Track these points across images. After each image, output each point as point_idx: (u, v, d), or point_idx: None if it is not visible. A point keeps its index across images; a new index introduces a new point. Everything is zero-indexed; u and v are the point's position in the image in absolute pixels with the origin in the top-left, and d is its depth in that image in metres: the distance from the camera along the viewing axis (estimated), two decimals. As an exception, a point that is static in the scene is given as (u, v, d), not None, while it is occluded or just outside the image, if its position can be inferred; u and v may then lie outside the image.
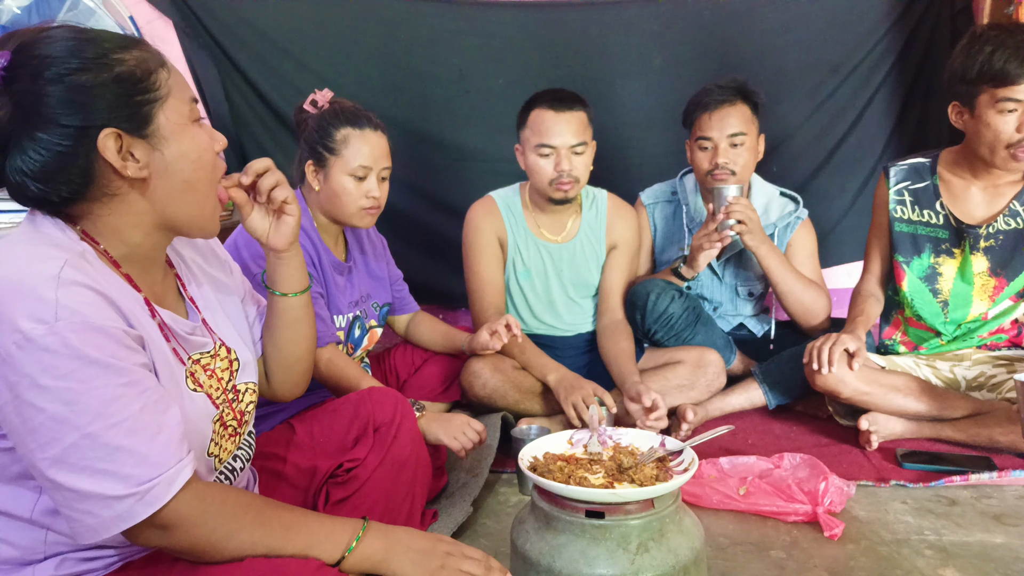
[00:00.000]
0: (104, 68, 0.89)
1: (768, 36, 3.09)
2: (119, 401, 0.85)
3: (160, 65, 0.95)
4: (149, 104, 0.93)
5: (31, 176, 0.89)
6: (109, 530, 0.85)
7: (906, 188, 2.19)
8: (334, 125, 1.81)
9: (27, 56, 0.87)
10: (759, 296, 2.57)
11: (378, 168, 1.84)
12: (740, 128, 2.31)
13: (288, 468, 1.35)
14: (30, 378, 0.81)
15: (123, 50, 0.92)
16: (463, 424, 1.69)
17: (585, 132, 2.22)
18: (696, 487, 1.72)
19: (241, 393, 1.12)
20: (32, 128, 0.87)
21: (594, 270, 2.42)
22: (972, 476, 1.80)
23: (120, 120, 0.90)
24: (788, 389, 2.25)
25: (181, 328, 1.03)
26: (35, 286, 0.82)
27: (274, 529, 0.94)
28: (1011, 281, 2.10)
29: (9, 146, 0.88)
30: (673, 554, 1.13)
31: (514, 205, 2.38)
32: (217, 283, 1.17)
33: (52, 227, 0.93)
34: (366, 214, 1.85)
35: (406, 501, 1.39)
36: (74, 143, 0.88)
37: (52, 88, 0.87)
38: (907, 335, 2.27)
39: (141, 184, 0.94)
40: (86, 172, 0.90)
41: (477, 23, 3.08)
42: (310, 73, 2.99)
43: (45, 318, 0.81)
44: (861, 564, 1.47)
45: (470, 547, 1.08)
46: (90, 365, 0.83)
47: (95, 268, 0.90)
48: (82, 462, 0.83)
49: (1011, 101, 1.91)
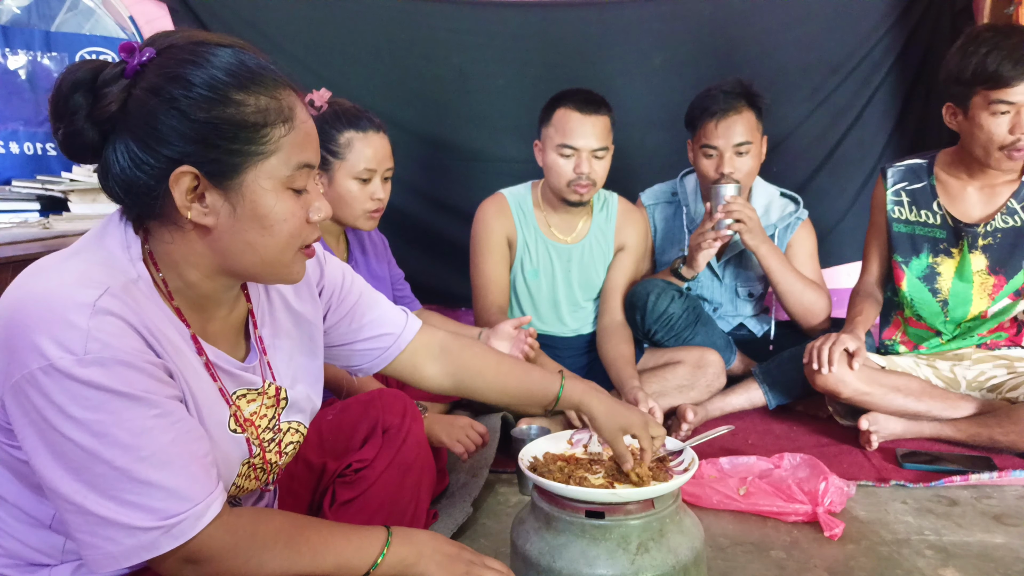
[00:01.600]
0: (206, 104, 0.84)
1: (768, 36, 3.09)
2: (149, 434, 0.82)
3: (282, 120, 0.88)
4: (242, 156, 0.86)
5: (108, 170, 0.87)
6: (129, 559, 0.83)
7: (903, 189, 2.19)
8: (336, 128, 1.79)
9: (160, 63, 0.85)
10: (759, 296, 2.57)
11: (382, 170, 1.84)
12: (746, 137, 2.30)
13: (298, 466, 1.35)
14: (58, 407, 0.79)
15: (246, 92, 0.86)
16: (466, 426, 1.69)
17: (607, 137, 2.22)
18: (696, 487, 1.72)
19: (283, 432, 1.08)
20: (125, 129, 0.85)
21: (601, 272, 2.42)
22: (972, 476, 1.80)
23: (203, 162, 0.85)
24: (788, 389, 2.25)
25: (229, 365, 0.99)
26: (68, 311, 0.79)
27: (304, 554, 0.93)
28: (1010, 279, 2.10)
29: (110, 136, 0.86)
30: (673, 554, 1.13)
31: (525, 203, 2.37)
32: (298, 319, 1.11)
33: (118, 242, 0.90)
34: (371, 216, 1.85)
35: (411, 503, 1.40)
36: (149, 165, 0.85)
37: (155, 102, 0.84)
38: (907, 335, 2.27)
39: (202, 229, 0.89)
40: (154, 197, 0.86)
41: (477, 23, 3.08)
42: (310, 72, 2.99)
43: (74, 349, 0.78)
44: (861, 564, 1.47)
45: (491, 558, 1.09)
46: (119, 398, 0.81)
47: (143, 297, 0.87)
48: (110, 491, 0.81)
49: (1004, 103, 1.91)
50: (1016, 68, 1.87)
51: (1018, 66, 1.87)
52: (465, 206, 2.42)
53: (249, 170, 0.87)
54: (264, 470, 1.05)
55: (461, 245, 2.39)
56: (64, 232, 2.27)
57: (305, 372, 1.12)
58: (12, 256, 1.73)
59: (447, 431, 1.67)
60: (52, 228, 2.37)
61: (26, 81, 2.73)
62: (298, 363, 1.11)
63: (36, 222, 2.43)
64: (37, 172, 2.71)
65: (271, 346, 1.07)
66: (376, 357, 1.22)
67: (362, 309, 1.21)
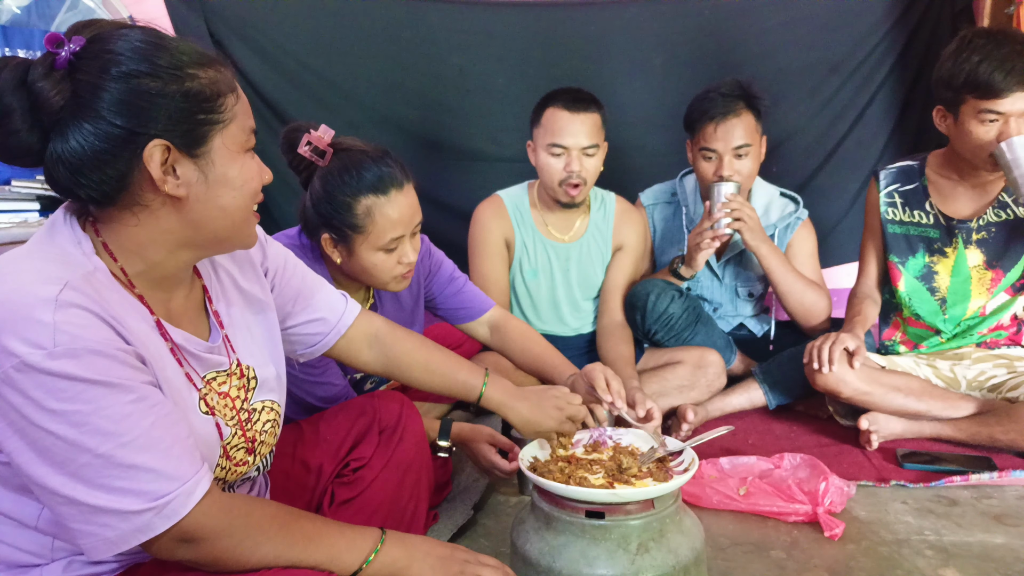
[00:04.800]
0: (174, 80, 0.87)
1: (768, 36, 3.09)
2: (129, 419, 0.84)
3: (230, 90, 0.93)
4: (209, 126, 0.90)
5: (64, 163, 0.86)
6: (127, 542, 0.84)
7: (896, 190, 2.20)
8: (350, 195, 1.47)
9: (100, 48, 0.86)
10: (759, 296, 2.58)
11: (409, 230, 1.54)
12: (745, 140, 2.30)
13: (295, 467, 1.35)
14: (35, 402, 0.80)
15: (199, 66, 0.90)
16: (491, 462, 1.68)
17: (598, 134, 2.22)
18: (696, 487, 1.72)
19: (256, 412, 1.09)
20: (81, 118, 0.85)
21: (599, 271, 2.42)
22: (972, 476, 1.80)
23: (175, 135, 0.88)
24: (788, 389, 2.25)
25: (196, 348, 1.00)
26: (32, 309, 0.80)
27: (297, 541, 0.95)
28: (1007, 273, 2.11)
29: (55, 128, 0.86)
30: (673, 554, 1.13)
31: (522, 204, 2.38)
32: (249, 298, 1.13)
33: (68, 239, 0.91)
34: (402, 280, 1.59)
35: (411, 503, 1.40)
36: (118, 145, 0.86)
37: (114, 85, 0.84)
38: (906, 335, 2.27)
39: (175, 201, 0.91)
40: (123, 177, 0.88)
41: (477, 23, 3.08)
42: (310, 72, 3.00)
43: (43, 343, 0.79)
44: (861, 564, 1.47)
45: (486, 556, 1.10)
46: (95, 386, 0.82)
47: (103, 288, 0.88)
48: (98, 479, 0.82)
49: (993, 113, 1.91)
50: (1007, 79, 1.87)
51: (1009, 77, 1.86)
52: (465, 206, 2.42)
53: (215, 137, 0.91)
54: (247, 450, 1.06)
55: (461, 245, 2.39)
56: (64, 232, 2.27)
57: (268, 351, 1.14)
58: (12, 256, 1.73)
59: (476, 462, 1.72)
60: (52, 228, 2.37)
61: (26, 81, 2.73)
62: (259, 342, 1.12)
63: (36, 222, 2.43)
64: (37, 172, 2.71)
65: (227, 321, 1.08)
66: (317, 342, 1.26)
67: (306, 293, 1.24)
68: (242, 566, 0.92)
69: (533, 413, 1.35)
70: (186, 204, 0.92)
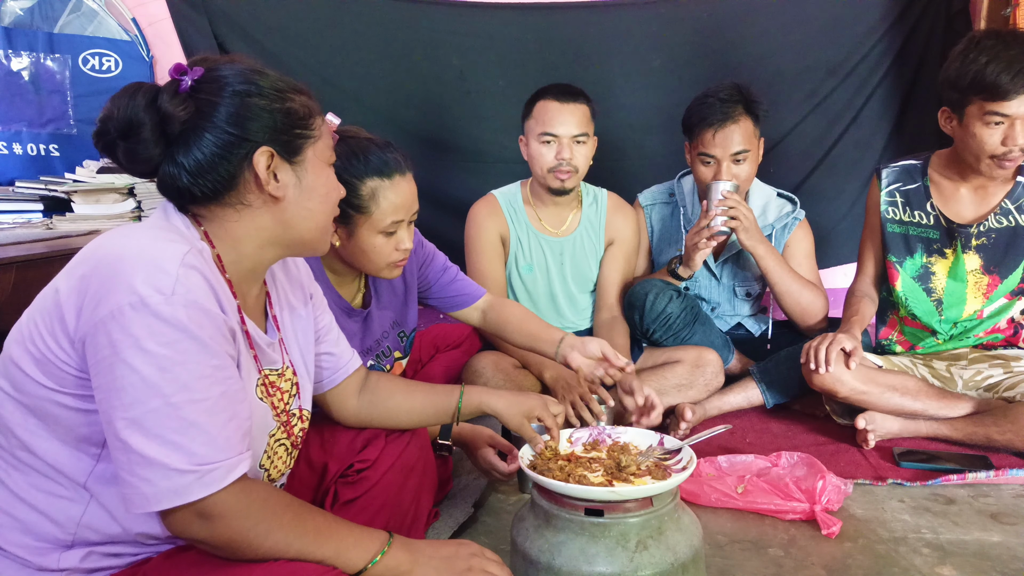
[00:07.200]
0: (277, 99, 1.03)
1: (766, 38, 3.10)
2: (206, 380, 0.91)
3: (319, 113, 1.10)
4: (303, 139, 1.06)
5: (187, 169, 0.99)
6: (161, 502, 0.89)
7: (898, 189, 2.20)
8: (356, 175, 1.51)
9: (215, 75, 1.01)
10: (757, 296, 2.59)
11: (408, 216, 1.61)
12: (744, 145, 2.30)
13: (299, 465, 1.36)
14: (135, 339, 0.87)
15: (295, 92, 1.06)
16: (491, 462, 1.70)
17: (587, 125, 2.27)
18: (694, 485, 1.73)
19: (294, 417, 1.16)
20: (202, 129, 0.99)
21: (593, 264, 2.45)
22: (969, 475, 1.81)
23: (277, 144, 1.03)
24: (786, 388, 2.26)
25: (262, 340, 1.10)
26: (161, 259, 0.91)
27: (308, 533, 0.98)
28: (1004, 279, 2.11)
29: (179, 139, 0.99)
30: (672, 552, 1.14)
31: (515, 201, 2.41)
32: (296, 314, 1.24)
33: (180, 222, 1.03)
34: (396, 267, 1.63)
35: (412, 505, 1.41)
36: (231, 150, 1.00)
37: (229, 101, 1.00)
38: (903, 334, 2.28)
39: (273, 201, 1.05)
40: (232, 178, 1.01)
41: (477, 24, 3.10)
42: (311, 72, 3.00)
43: (163, 289, 0.89)
44: (858, 562, 1.48)
45: (492, 551, 1.11)
46: (192, 340, 0.90)
47: (208, 265, 0.99)
48: (156, 428, 0.88)
49: (999, 115, 1.90)
50: (1014, 81, 1.86)
51: (1016, 79, 1.86)
52: (465, 207, 2.44)
53: (308, 149, 1.07)
54: (287, 449, 1.13)
55: (460, 245, 2.41)
56: (67, 232, 2.28)
57: (307, 364, 1.23)
58: (16, 256, 1.69)
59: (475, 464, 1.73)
60: (56, 229, 2.38)
61: (29, 83, 2.74)
62: (301, 353, 1.22)
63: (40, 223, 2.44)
64: (40, 173, 2.72)
65: (282, 326, 1.19)
66: (324, 378, 1.33)
67: (329, 327, 1.34)
68: (253, 550, 0.94)
69: (515, 396, 1.47)
70: (281, 204, 1.05)
